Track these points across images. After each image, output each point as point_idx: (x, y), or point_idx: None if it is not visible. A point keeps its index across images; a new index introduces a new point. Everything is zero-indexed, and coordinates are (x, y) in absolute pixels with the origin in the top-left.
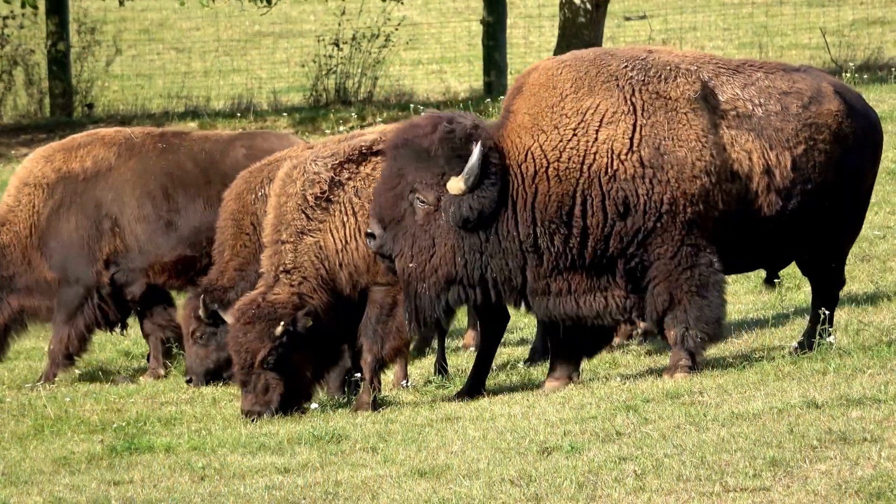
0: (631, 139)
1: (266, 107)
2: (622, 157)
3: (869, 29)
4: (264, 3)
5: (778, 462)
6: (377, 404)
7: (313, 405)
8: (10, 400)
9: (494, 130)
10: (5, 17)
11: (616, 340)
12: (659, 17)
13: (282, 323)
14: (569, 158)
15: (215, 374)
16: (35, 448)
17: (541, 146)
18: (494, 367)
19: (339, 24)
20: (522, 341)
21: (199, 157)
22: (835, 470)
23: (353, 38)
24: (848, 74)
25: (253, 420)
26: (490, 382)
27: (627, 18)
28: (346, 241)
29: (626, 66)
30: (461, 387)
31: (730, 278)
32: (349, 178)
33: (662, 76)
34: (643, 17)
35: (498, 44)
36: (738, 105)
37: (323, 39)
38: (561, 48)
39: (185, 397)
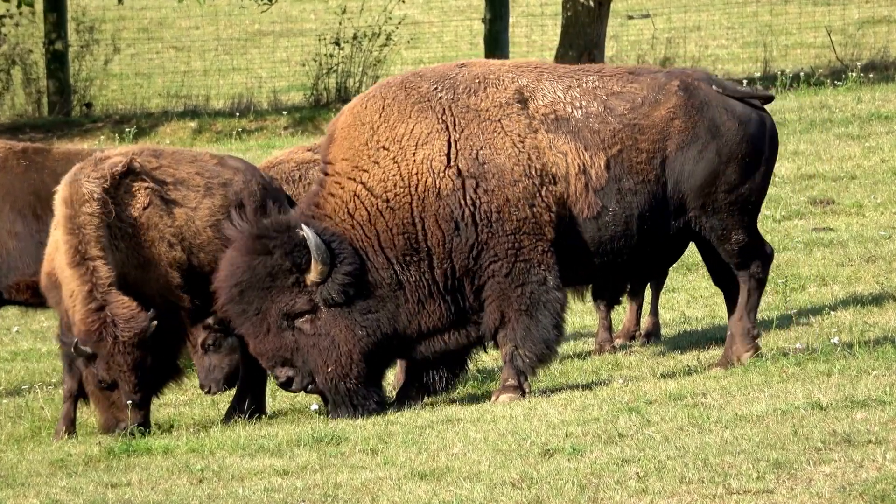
0: (448, 154)
1: (266, 106)
2: (442, 173)
3: (875, 28)
4: (265, 1)
5: (782, 464)
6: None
7: (312, 406)
8: (6, 402)
9: (314, 196)
10: (2, 17)
11: (618, 341)
12: (662, 16)
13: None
14: (395, 186)
15: (232, 378)
16: (32, 450)
17: (365, 186)
18: (496, 369)
19: (340, 23)
20: None
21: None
22: (839, 472)
23: (354, 37)
24: (854, 73)
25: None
26: (491, 384)
27: (630, 17)
28: None
29: (435, 88)
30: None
31: None
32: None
33: (471, 90)
34: (646, 16)
35: (500, 43)
36: (557, 108)
37: (324, 38)
38: (563, 47)
39: (183, 399)
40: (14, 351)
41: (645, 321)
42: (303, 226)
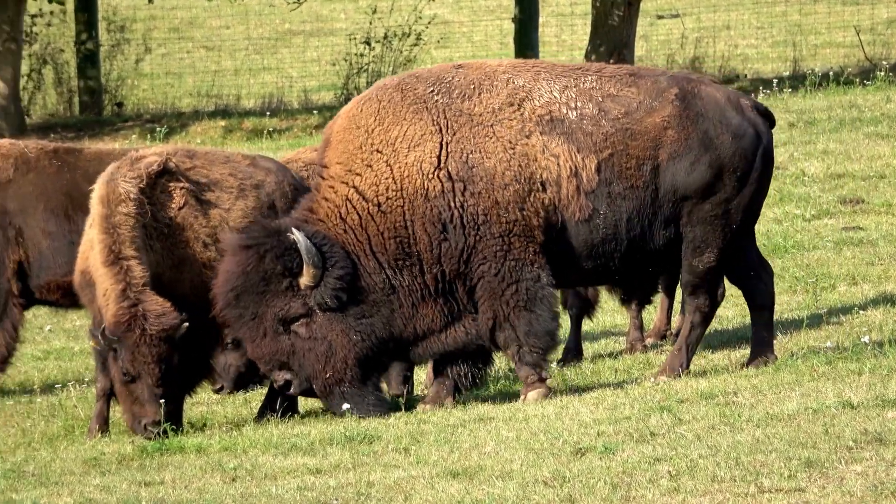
0: (438, 157)
1: (297, 105)
2: (431, 174)
3: None
4: (294, 0)
5: (813, 463)
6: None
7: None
8: (40, 400)
9: (308, 200)
10: (33, 16)
11: (649, 341)
12: (692, 16)
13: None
14: (387, 189)
15: (248, 379)
16: (65, 449)
17: (357, 190)
18: None
19: (371, 23)
20: None
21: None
22: (870, 471)
23: (385, 37)
24: (883, 73)
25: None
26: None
27: (660, 17)
28: None
29: (431, 91)
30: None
31: None
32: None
33: (466, 94)
34: (676, 16)
35: (530, 42)
36: (552, 109)
37: (354, 38)
38: (593, 46)
39: (216, 398)
40: (47, 350)
41: (676, 320)
42: (293, 229)
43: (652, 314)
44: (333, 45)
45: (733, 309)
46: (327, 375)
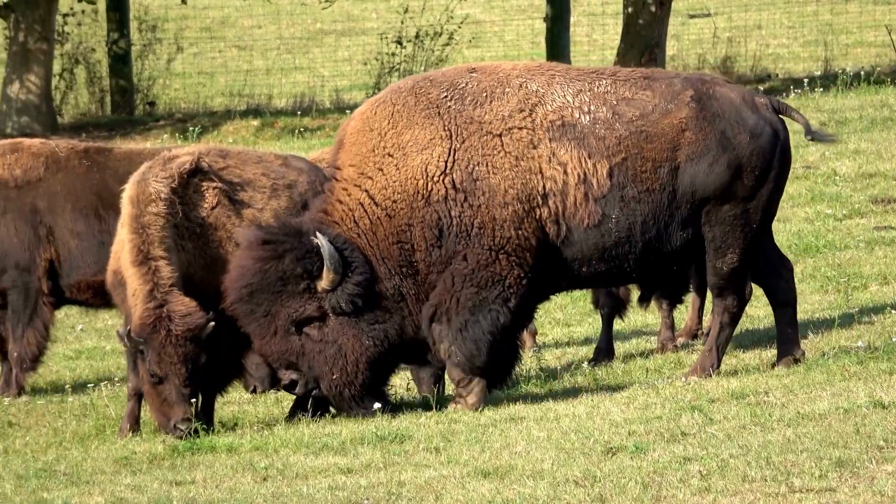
0: (446, 162)
1: (328, 105)
2: (436, 178)
3: None
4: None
5: (844, 463)
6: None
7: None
8: (71, 400)
9: (323, 202)
10: (65, 15)
11: (680, 340)
12: (723, 15)
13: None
14: (394, 193)
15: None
16: (97, 448)
17: (369, 194)
18: (559, 367)
19: (402, 22)
20: (587, 341)
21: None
22: None
23: (416, 36)
24: None
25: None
26: (554, 382)
27: (692, 16)
28: None
29: (445, 96)
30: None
31: (794, 278)
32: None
33: (478, 101)
34: (707, 15)
35: (561, 42)
36: (564, 114)
37: (386, 37)
38: (625, 45)
39: (247, 397)
40: (78, 349)
41: (707, 320)
42: (317, 233)
43: (683, 314)
44: (365, 44)
45: (764, 308)
46: (335, 378)
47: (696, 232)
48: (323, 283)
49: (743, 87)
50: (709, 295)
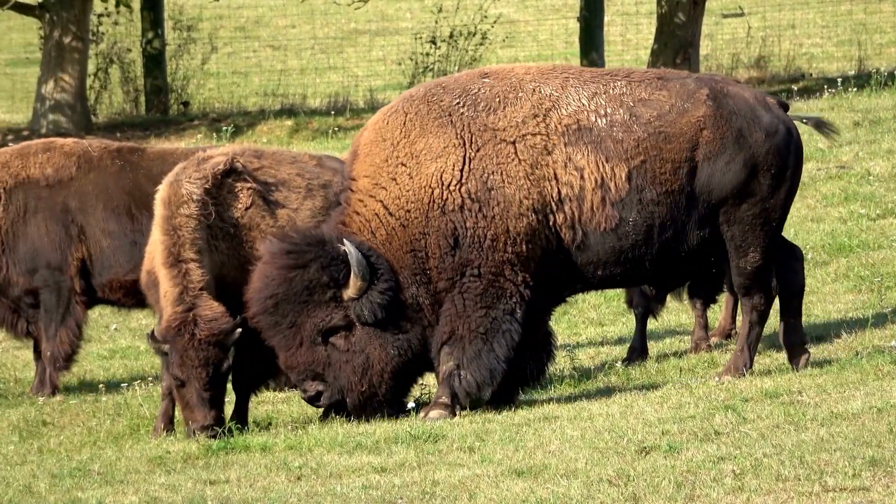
0: (461, 171)
1: (362, 105)
2: (452, 187)
3: None
4: (359, 0)
5: (878, 462)
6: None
7: (410, 404)
8: (105, 399)
9: (340, 213)
10: (100, 15)
11: (714, 340)
12: (757, 15)
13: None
14: (408, 202)
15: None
16: (131, 447)
17: (383, 204)
18: (592, 367)
19: (436, 22)
20: (621, 340)
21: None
22: None
23: (450, 36)
24: None
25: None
26: (588, 382)
27: (725, 16)
28: None
29: (457, 103)
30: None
31: (827, 278)
32: None
33: (491, 107)
34: (741, 15)
35: (595, 41)
36: (580, 118)
37: (420, 37)
38: (659, 45)
39: (281, 397)
40: (112, 349)
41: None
42: (344, 241)
43: (717, 313)
44: (399, 44)
45: None
46: (364, 389)
47: (713, 232)
48: (350, 291)
49: (754, 88)
50: None
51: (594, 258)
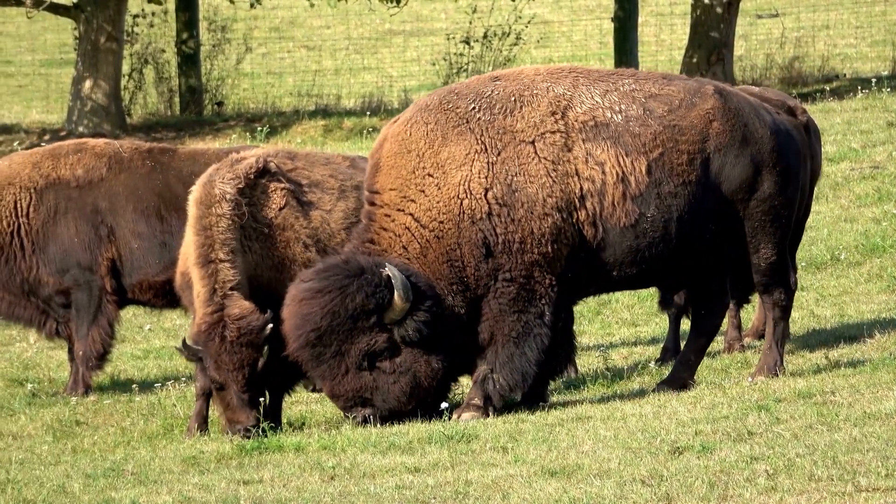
0: (487, 177)
1: (397, 105)
2: (480, 195)
3: None
4: (394, 2)
5: None
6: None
7: (443, 405)
8: (139, 399)
9: (365, 230)
10: (135, 16)
11: (747, 340)
12: (791, 16)
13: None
14: (439, 213)
15: None
16: (164, 447)
17: (414, 217)
18: (625, 367)
19: (470, 22)
20: (654, 340)
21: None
22: None
23: (485, 36)
24: None
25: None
26: (621, 382)
27: (759, 16)
28: None
29: (473, 108)
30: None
31: (860, 278)
32: None
33: (507, 109)
34: (775, 15)
35: (629, 42)
36: (596, 114)
37: (454, 37)
38: (692, 47)
39: (314, 397)
40: (146, 349)
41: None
42: (387, 265)
43: (750, 313)
44: (433, 44)
45: (830, 308)
46: (412, 406)
47: (724, 228)
48: (391, 314)
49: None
50: None
51: (612, 257)
